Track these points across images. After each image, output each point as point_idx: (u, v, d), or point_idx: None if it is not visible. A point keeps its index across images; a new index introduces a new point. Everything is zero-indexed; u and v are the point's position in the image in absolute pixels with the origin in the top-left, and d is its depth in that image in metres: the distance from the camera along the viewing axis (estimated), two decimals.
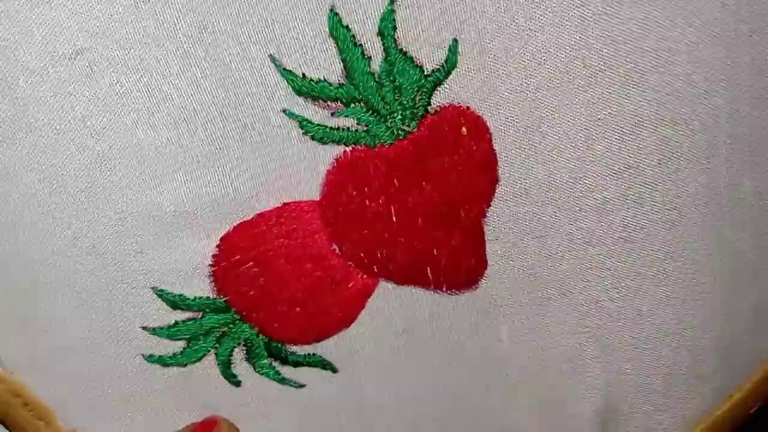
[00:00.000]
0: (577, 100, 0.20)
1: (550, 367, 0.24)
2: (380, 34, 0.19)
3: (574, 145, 0.21)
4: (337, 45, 0.19)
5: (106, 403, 0.24)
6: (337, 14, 0.19)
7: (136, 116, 0.20)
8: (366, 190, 0.21)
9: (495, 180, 0.21)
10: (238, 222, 0.21)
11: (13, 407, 0.23)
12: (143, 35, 0.19)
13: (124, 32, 0.19)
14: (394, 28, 0.19)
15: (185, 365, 0.23)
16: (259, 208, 0.21)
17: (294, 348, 0.23)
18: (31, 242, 0.21)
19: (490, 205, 0.22)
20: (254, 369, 0.23)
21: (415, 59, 0.19)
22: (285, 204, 0.21)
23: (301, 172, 0.21)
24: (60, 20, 0.18)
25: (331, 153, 0.21)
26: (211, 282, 0.22)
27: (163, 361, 0.23)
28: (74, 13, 0.18)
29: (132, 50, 0.19)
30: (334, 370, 0.24)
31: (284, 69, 0.19)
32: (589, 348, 0.24)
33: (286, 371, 0.24)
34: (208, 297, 0.22)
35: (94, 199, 0.20)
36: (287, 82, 0.19)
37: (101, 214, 0.21)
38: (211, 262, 0.22)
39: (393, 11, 0.19)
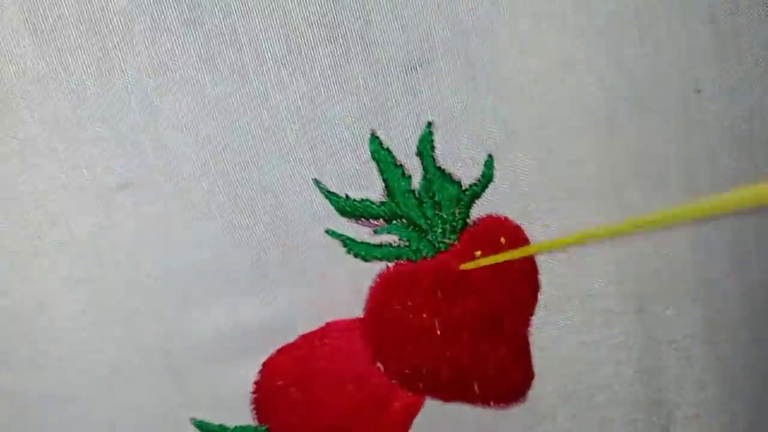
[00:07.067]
0: (609, 204, 0.21)
1: None
2: (419, 154, 0.20)
3: (610, 248, 0.21)
4: (379, 166, 0.20)
5: None
6: (377, 138, 0.20)
7: (180, 240, 0.20)
8: (409, 304, 0.21)
9: (536, 288, 0.21)
10: (281, 345, 0.21)
11: None
12: (192, 167, 0.19)
13: (172, 163, 0.19)
14: (433, 148, 0.20)
15: None
16: (302, 329, 0.21)
17: None
18: (64, 377, 0.20)
19: (533, 314, 0.22)
20: None
21: (453, 175, 0.20)
22: (328, 324, 0.21)
23: (344, 291, 0.21)
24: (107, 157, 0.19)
25: (374, 269, 0.21)
26: (252, 409, 0.21)
27: None
28: (120, 147, 0.19)
29: (179, 182, 0.19)
30: None
31: (328, 191, 0.20)
32: None
33: None
34: (248, 425, 0.21)
35: (133, 327, 0.20)
36: (330, 203, 0.20)
37: (140, 344, 0.20)
38: (252, 389, 0.21)
39: (431, 133, 0.20)
